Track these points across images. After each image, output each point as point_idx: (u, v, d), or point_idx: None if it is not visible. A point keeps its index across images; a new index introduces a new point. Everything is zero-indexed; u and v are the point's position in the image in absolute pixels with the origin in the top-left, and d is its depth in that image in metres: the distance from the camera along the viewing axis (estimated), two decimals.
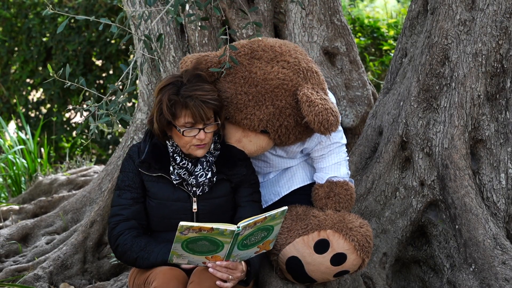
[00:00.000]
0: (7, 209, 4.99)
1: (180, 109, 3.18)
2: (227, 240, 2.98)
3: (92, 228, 4.19)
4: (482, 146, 3.86)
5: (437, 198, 3.85)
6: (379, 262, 3.83)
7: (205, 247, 3.02)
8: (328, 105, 3.30)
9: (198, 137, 3.21)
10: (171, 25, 4.21)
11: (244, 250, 3.08)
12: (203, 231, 2.95)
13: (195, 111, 3.17)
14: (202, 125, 3.21)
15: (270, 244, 3.19)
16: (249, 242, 3.06)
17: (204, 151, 3.26)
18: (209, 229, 2.94)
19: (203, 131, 3.21)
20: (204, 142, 3.23)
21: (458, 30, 3.82)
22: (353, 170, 3.98)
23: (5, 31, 7.68)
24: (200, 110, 3.17)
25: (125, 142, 4.61)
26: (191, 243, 3.00)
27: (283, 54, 3.40)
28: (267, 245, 3.18)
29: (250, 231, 3.01)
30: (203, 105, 3.17)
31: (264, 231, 3.07)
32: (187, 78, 3.25)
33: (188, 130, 3.21)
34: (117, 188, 3.34)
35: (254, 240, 3.06)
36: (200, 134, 3.21)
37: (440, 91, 3.87)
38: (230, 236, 2.97)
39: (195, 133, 3.21)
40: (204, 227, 2.94)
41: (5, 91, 7.82)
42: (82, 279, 4.09)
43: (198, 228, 2.94)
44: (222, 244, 3.00)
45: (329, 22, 4.26)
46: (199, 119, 3.19)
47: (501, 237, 3.69)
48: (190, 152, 3.27)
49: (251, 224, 2.98)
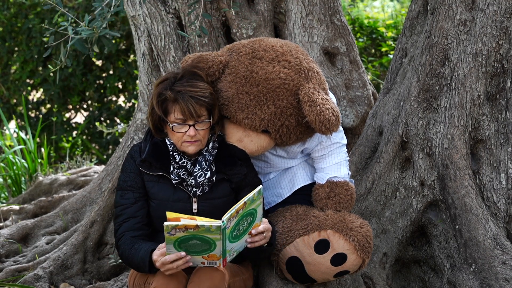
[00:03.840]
0: (7, 209, 4.99)
1: (171, 104, 3.20)
2: (216, 237, 2.97)
3: (92, 228, 4.19)
4: (482, 146, 3.86)
5: (437, 198, 3.85)
6: (379, 262, 3.83)
7: (198, 246, 3.00)
8: (329, 105, 3.30)
9: (188, 134, 3.21)
10: (171, 25, 4.21)
11: (236, 241, 3.07)
12: (190, 229, 2.94)
13: (184, 107, 3.17)
14: (192, 122, 3.21)
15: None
16: (239, 232, 3.06)
17: (196, 148, 3.26)
18: (194, 226, 2.92)
19: (193, 128, 3.21)
20: (196, 139, 3.23)
21: (458, 30, 3.82)
22: (353, 170, 3.98)
23: (5, 31, 7.68)
24: (189, 106, 3.17)
25: (125, 142, 4.61)
26: (183, 243, 2.98)
27: (284, 54, 3.40)
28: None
29: (235, 221, 3.00)
30: (192, 101, 3.18)
31: (249, 217, 3.06)
32: (182, 74, 3.27)
33: (178, 126, 3.21)
34: (119, 188, 3.34)
35: (242, 228, 3.06)
36: (190, 130, 3.21)
37: (440, 91, 3.87)
38: (218, 232, 2.95)
39: (185, 129, 3.21)
40: (189, 225, 2.92)
41: (5, 91, 7.82)
42: (82, 279, 4.09)
43: (184, 226, 2.92)
44: (214, 242, 2.98)
45: (329, 22, 4.26)
46: (188, 116, 3.19)
47: (501, 237, 3.69)
48: (183, 149, 3.27)
49: (233, 214, 2.97)
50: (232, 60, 3.42)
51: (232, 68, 3.40)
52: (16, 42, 7.75)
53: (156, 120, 3.27)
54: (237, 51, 3.43)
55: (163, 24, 4.21)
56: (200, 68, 3.33)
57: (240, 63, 3.39)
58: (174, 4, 4.23)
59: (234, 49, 3.46)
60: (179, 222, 2.93)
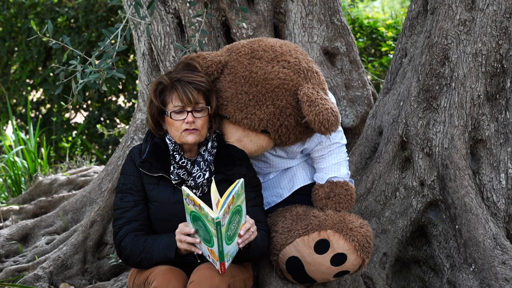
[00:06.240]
0: (7, 209, 4.99)
1: (169, 93, 3.24)
2: (213, 231, 2.99)
3: (92, 228, 4.19)
4: (482, 146, 3.87)
5: (437, 198, 3.85)
6: (379, 262, 3.83)
7: (203, 233, 3.04)
8: (328, 105, 3.30)
9: (187, 120, 3.23)
10: (171, 26, 4.21)
11: (230, 243, 3.09)
12: (196, 206, 2.99)
13: (181, 93, 3.21)
14: (190, 108, 3.23)
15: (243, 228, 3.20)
16: (231, 233, 3.07)
17: (195, 138, 3.26)
18: (198, 205, 2.98)
19: (191, 114, 3.23)
20: (194, 127, 3.24)
21: (458, 30, 3.82)
22: (353, 170, 3.98)
23: (5, 31, 7.68)
24: (187, 91, 3.21)
25: (125, 142, 4.62)
26: (195, 220, 3.04)
27: (283, 54, 3.40)
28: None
29: (228, 218, 3.02)
30: (190, 86, 3.22)
31: (237, 215, 3.08)
32: (178, 66, 3.33)
33: (177, 115, 3.23)
34: (119, 191, 3.34)
35: (233, 228, 3.08)
36: (188, 116, 3.23)
37: (440, 91, 3.87)
38: (213, 225, 2.97)
39: (183, 116, 3.23)
40: (196, 202, 2.98)
41: (5, 91, 7.83)
42: (82, 279, 4.09)
43: (193, 200, 2.98)
44: (212, 236, 3.01)
45: (329, 22, 4.26)
46: (186, 101, 3.21)
47: (501, 237, 3.70)
48: (182, 141, 3.27)
49: (226, 210, 3.00)
50: (231, 60, 3.42)
51: (231, 68, 3.40)
52: (16, 42, 7.75)
53: (155, 114, 3.29)
54: (236, 51, 3.43)
55: (163, 24, 4.21)
56: (195, 61, 3.36)
57: (239, 63, 3.39)
58: (174, 4, 4.23)
59: (233, 49, 3.46)
60: (191, 193, 2.99)
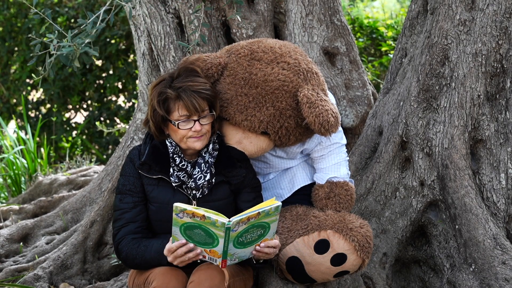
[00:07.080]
0: (7, 209, 4.99)
1: (174, 102, 3.19)
2: (220, 234, 2.97)
3: (92, 228, 4.19)
4: (482, 146, 3.86)
5: (437, 198, 3.85)
6: (379, 262, 3.83)
7: (202, 238, 3.01)
8: (328, 106, 3.30)
9: (194, 129, 3.20)
10: (171, 25, 4.21)
11: (241, 248, 3.07)
12: (196, 218, 2.95)
13: (188, 102, 3.17)
14: (197, 117, 3.21)
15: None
16: (245, 240, 3.05)
17: (202, 143, 3.25)
18: (201, 216, 2.94)
19: (198, 123, 3.21)
20: (201, 134, 3.23)
21: (458, 30, 3.82)
22: (353, 170, 3.98)
23: (5, 31, 7.68)
24: (193, 100, 3.17)
25: (125, 142, 4.61)
26: (188, 229, 3.00)
27: (283, 55, 3.40)
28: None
29: (244, 228, 2.99)
30: (195, 95, 3.18)
31: (260, 229, 3.06)
32: (179, 72, 3.27)
33: (184, 123, 3.20)
34: (118, 192, 3.33)
35: (250, 238, 3.06)
36: (196, 125, 3.20)
37: (440, 91, 3.87)
38: (222, 229, 2.95)
39: (190, 125, 3.21)
40: (197, 213, 2.94)
41: (5, 91, 7.82)
42: (82, 279, 4.09)
43: (191, 212, 2.94)
44: (217, 238, 2.99)
45: (329, 22, 4.26)
46: (193, 110, 3.18)
47: (501, 237, 3.70)
48: (188, 146, 3.25)
49: (244, 220, 2.97)
50: (231, 62, 3.41)
51: (231, 70, 3.39)
52: (16, 42, 7.75)
53: (159, 122, 3.25)
54: (236, 52, 3.43)
55: (163, 24, 4.21)
56: (196, 65, 3.33)
57: (239, 64, 3.39)
58: (174, 4, 4.23)
59: (232, 50, 3.45)
60: (188, 207, 2.95)
